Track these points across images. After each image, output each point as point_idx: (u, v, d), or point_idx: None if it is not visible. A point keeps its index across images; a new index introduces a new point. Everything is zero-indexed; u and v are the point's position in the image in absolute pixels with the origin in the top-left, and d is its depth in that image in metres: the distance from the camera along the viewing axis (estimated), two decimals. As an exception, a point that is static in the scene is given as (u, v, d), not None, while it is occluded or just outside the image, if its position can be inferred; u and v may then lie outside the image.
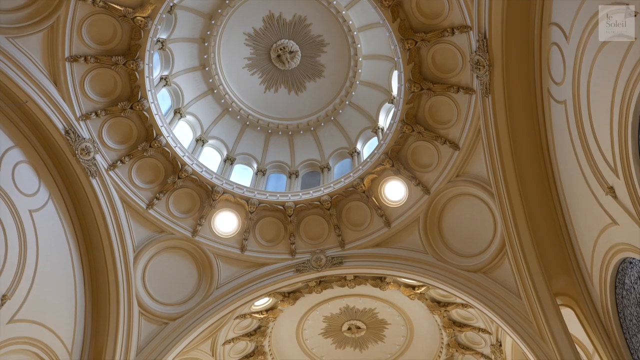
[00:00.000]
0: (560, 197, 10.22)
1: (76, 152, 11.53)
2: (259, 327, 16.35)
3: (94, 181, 11.96)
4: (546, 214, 10.55)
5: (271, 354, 17.33)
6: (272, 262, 14.13)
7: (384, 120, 16.19)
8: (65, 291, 11.57)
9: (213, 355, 15.86)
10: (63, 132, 11.27)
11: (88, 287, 12.31)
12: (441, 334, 16.42)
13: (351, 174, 14.33)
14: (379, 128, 16.20)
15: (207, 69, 16.59)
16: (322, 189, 14.58)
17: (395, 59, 12.71)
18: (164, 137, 13.25)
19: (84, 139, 11.73)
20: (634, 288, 8.20)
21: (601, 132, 7.53)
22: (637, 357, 8.67)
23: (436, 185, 12.98)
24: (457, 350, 16.28)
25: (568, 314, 10.27)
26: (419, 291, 14.85)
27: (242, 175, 16.39)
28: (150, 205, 13.28)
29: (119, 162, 12.66)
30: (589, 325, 9.80)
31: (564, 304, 10.41)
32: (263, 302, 15.46)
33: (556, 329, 10.22)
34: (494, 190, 11.31)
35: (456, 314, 15.46)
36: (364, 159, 14.72)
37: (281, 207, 14.31)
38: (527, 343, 10.81)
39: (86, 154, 11.72)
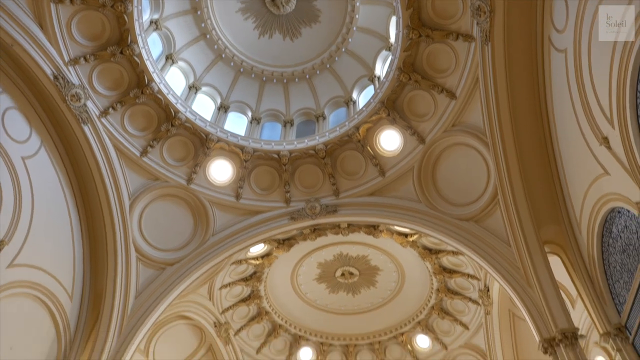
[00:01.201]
0: (555, 148, 10.26)
1: (66, 98, 11.29)
2: (255, 272, 16.79)
3: (85, 128, 11.81)
4: (539, 164, 10.65)
5: (266, 298, 17.91)
6: (267, 210, 14.30)
7: (381, 68, 15.87)
8: (63, 237, 11.71)
9: (210, 299, 16.41)
10: (52, 78, 10.99)
11: (85, 233, 12.47)
12: (431, 279, 16.96)
13: (346, 123, 14.23)
14: (375, 76, 15.90)
15: (198, 12, 15.96)
16: (317, 137, 14.52)
17: (394, 4, 12.30)
18: (155, 83, 12.96)
19: (74, 84, 11.46)
20: (620, 236, 8.41)
21: (600, 82, 7.45)
22: (619, 301, 9.04)
23: (431, 135, 12.95)
24: (446, 295, 16.88)
25: (555, 262, 10.60)
26: (411, 239, 15.19)
27: (236, 124, 16.22)
28: (144, 152, 13.21)
29: (110, 109, 12.45)
30: (574, 272, 10.16)
31: (551, 251, 10.73)
32: (258, 249, 15.80)
33: (542, 275, 10.58)
34: (489, 139, 11.32)
35: (447, 260, 15.89)
36: (360, 107, 14.56)
37: (276, 156, 14.30)
38: (513, 288, 11.18)
39: (77, 100, 11.50)
